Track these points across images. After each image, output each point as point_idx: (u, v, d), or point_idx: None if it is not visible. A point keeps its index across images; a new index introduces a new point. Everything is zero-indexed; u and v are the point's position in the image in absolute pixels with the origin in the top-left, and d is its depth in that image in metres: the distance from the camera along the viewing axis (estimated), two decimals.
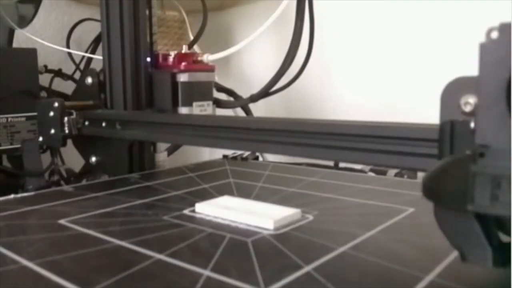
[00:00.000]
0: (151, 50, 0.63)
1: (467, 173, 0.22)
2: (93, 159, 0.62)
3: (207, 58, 0.64)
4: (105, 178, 0.64)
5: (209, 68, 0.64)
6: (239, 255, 0.30)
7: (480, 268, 0.28)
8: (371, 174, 0.68)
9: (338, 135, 0.33)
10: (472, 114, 0.25)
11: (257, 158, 0.72)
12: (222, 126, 0.43)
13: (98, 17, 0.63)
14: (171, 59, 0.61)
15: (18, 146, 0.68)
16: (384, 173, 0.69)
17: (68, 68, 0.86)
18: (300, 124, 0.36)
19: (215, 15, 0.96)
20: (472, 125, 0.24)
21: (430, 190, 0.24)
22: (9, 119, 0.68)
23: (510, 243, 0.24)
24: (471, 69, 0.24)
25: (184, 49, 0.63)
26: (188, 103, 0.61)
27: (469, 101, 0.25)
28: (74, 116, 0.58)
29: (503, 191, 0.21)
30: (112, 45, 0.61)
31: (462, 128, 0.25)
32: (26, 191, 0.63)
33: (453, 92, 0.26)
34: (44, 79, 0.79)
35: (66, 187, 0.53)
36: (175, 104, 0.61)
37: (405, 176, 0.70)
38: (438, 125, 0.26)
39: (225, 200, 0.42)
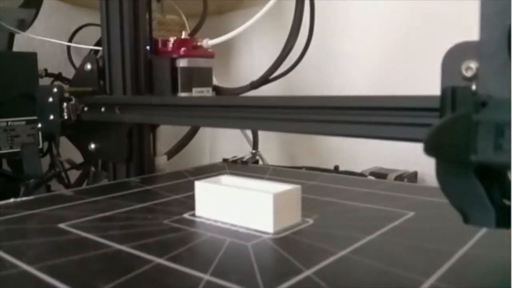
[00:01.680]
0: (151, 38, 0.63)
1: (469, 126, 0.22)
2: (92, 146, 0.62)
3: (207, 43, 0.63)
4: (104, 182, 0.64)
5: (209, 54, 0.64)
6: (239, 259, 0.30)
7: (480, 273, 0.28)
8: (371, 177, 0.68)
9: (338, 108, 0.33)
10: (473, 79, 0.24)
11: (257, 162, 0.72)
12: (221, 105, 0.43)
13: (99, 22, 0.63)
14: (170, 44, 0.61)
15: (18, 150, 0.68)
16: (384, 176, 0.69)
17: (68, 72, 0.86)
18: (300, 100, 0.36)
19: (214, 19, 0.96)
20: (473, 87, 0.24)
21: (433, 145, 0.23)
22: (9, 123, 0.68)
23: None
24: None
25: (184, 35, 0.63)
26: (188, 89, 0.61)
27: (470, 66, 0.24)
28: (73, 102, 0.58)
29: (507, 139, 0.21)
30: (111, 33, 0.61)
31: (464, 93, 0.24)
32: (27, 185, 0.63)
33: (454, 58, 0.25)
34: (44, 83, 0.79)
35: (65, 191, 0.53)
36: (175, 90, 0.61)
37: (405, 180, 0.71)
38: (439, 95, 0.26)
39: (224, 179, 0.42)
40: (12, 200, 0.46)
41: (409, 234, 0.35)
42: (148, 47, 0.62)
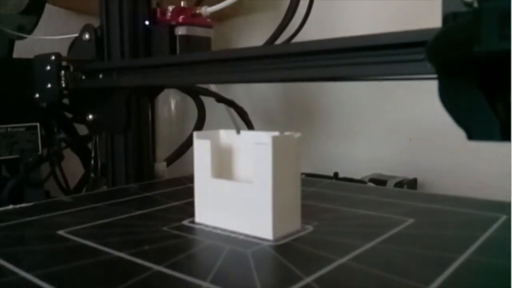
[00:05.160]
0: (149, 10, 0.62)
1: (472, 22, 0.22)
2: (90, 117, 0.61)
3: (206, 10, 0.62)
4: (104, 188, 0.64)
5: (208, 24, 0.63)
6: (238, 266, 0.30)
7: (481, 280, 0.28)
8: (371, 184, 0.68)
9: (336, 51, 0.33)
10: (473, 4, 0.24)
11: None
12: (221, 59, 0.42)
13: None
14: (169, 13, 0.60)
15: (17, 156, 0.68)
16: (383, 183, 0.69)
17: None
18: (298, 46, 0.36)
19: (216, 26, 0.96)
20: (475, 4, 0.23)
21: (435, 48, 0.23)
22: (9, 129, 0.68)
23: None
24: None
25: (183, 4, 0.62)
26: None
27: None
28: (71, 70, 0.57)
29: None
30: (109, 2, 0.61)
31: (466, 16, 0.24)
32: (26, 165, 0.62)
33: None
34: None
35: (64, 198, 0.52)
36: None
37: (405, 186, 0.71)
38: (436, 28, 0.26)
39: (222, 134, 0.41)
40: (11, 206, 0.46)
41: (409, 241, 0.34)
42: (147, 22, 0.61)
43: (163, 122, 0.68)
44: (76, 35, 0.77)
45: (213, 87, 0.84)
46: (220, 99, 0.77)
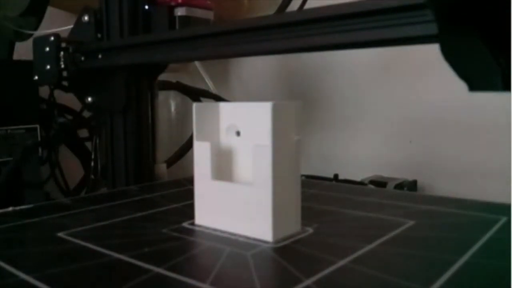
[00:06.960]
0: None
1: None
2: (89, 99, 0.61)
3: None
4: (104, 190, 0.64)
5: (208, 6, 0.63)
6: (238, 268, 0.30)
7: (481, 282, 0.28)
8: (371, 186, 0.68)
9: (335, 19, 0.34)
10: None
11: None
12: (219, 32, 0.42)
13: None
14: None
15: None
16: (384, 185, 0.69)
17: None
18: (303, 14, 0.37)
19: None
20: None
21: None
22: (9, 131, 0.68)
23: None
24: None
25: None
26: None
27: None
28: (70, 51, 0.57)
29: None
30: None
31: None
32: (25, 148, 0.62)
33: None
34: (44, 91, 0.79)
35: (64, 200, 0.52)
36: None
37: (405, 188, 0.71)
38: None
39: (222, 107, 0.40)
40: (10, 208, 0.46)
41: (409, 243, 0.34)
42: (146, 7, 0.61)
43: (163, 123, 0.68)
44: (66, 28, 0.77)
45: (212, 89, 0.84)
46: (220, 100, 0.77)
